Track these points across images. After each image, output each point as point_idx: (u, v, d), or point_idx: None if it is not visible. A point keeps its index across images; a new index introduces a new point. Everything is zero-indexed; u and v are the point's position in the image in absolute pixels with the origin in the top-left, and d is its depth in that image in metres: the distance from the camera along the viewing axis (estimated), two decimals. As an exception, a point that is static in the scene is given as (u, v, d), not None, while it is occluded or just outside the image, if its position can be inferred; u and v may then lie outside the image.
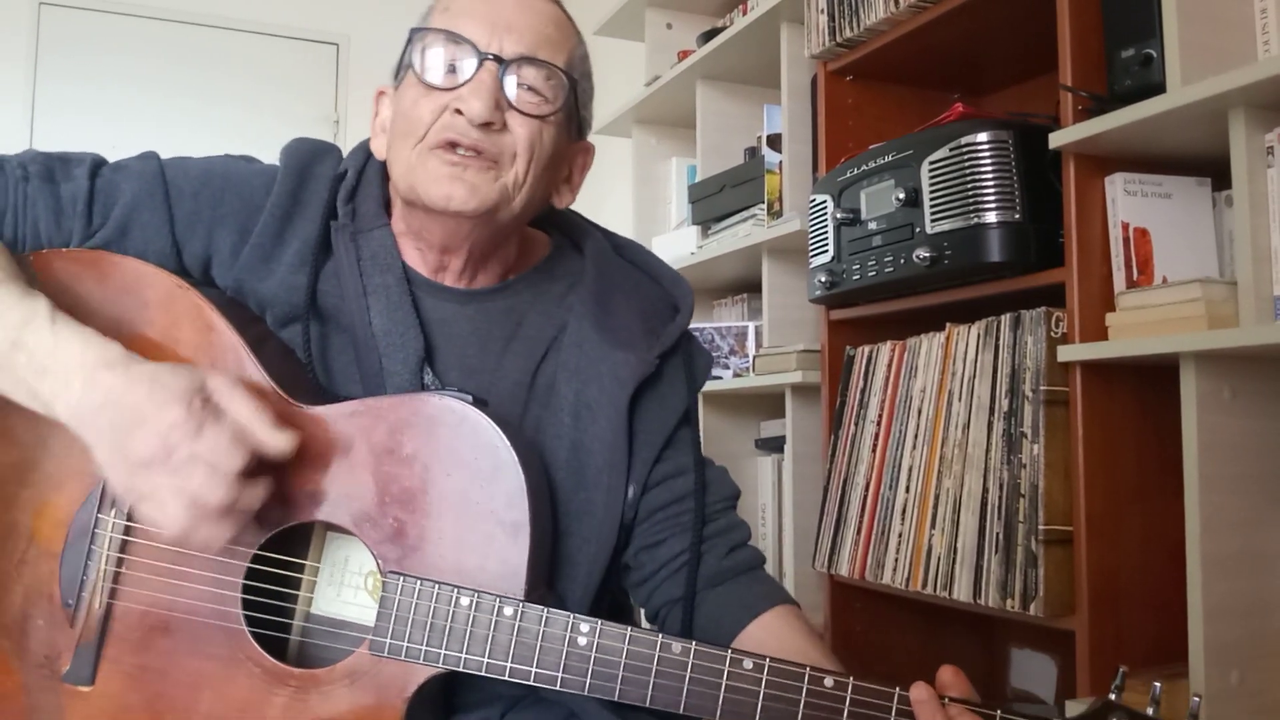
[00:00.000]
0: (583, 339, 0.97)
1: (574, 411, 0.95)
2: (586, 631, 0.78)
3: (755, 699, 0.77)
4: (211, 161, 0.97)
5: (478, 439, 0.83)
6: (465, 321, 0.97)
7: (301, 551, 0.88)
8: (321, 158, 0.98)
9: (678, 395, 1.01)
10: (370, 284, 0.94)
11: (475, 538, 0.82)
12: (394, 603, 0.80)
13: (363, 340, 0.93)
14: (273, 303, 0.94)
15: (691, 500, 0.98)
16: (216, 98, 3.78)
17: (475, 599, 0.79)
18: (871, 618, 1.77)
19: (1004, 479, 1.36)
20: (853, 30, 1.72)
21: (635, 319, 1.01)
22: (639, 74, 2.71)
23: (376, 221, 0.96)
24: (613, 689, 0.78)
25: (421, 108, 0.90)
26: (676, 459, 1.00)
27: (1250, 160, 1.15)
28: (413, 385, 0.92)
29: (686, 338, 1.04)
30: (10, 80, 3.55)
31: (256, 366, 0.86)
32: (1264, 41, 1.23)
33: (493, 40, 0.90)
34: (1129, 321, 1.27)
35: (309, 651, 0.87)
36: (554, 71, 0.92)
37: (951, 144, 1.43)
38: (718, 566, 0.98)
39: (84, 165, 0.92)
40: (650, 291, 1.06)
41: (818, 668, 0.78)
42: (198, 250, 0.93)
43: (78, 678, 0.82)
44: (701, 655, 0.78)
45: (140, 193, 0.92)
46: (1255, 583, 1.20)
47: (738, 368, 2.31)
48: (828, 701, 0.77)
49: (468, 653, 0.79)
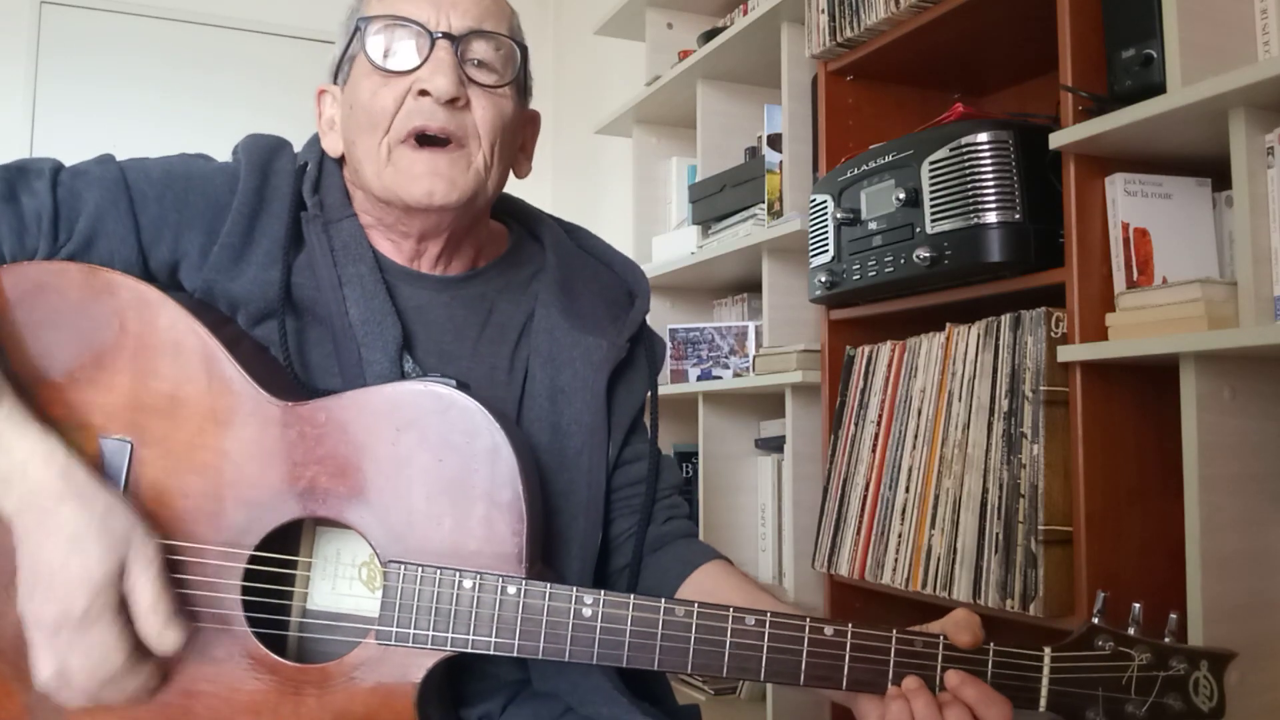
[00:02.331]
0: (552, 325, 0.99)
1: (550, 396, 0.97)
2: (590, 603, 0.80)
3: (760, 653, 0.79)
4: (170, 162, 0.95)
5: (466, 423, 0.83)
6: (441, 308, 0.98)
7: (293, 548, 0.88)
8: (279, 152, 0.98)
9: (641, 381, 1.05)
10: (345, 274, 0.94)
11: (472, 521, 0.82)
12: (397, 591, 0.80)
13: (340, 331, 0.93)
14: (246, 300, 0.93)
15: (643, 485, 1.02)
16: (217, 97, 3.78)
17: (478, 580, 0.80)
18: (871, 617, 1.76)
19: (1004, 479, 1.36)
20: (853, 30, 1.72)
21: (599, 305, 1.04)
22: (639, 74, 2.71)
23: (344, 211, 0.97)
24: (620, 656, 0.79)
25: (383, 96, 0.91)
26: (635, 444, 1.04)
27: (1250, 161, 1.15)
28: (393, 374, 0.92)
29: (643, 325, 1.07)
30: (11, 79, 3.55)
31: (235, 367, 0.85)
32: (1264, 42, 1.23)
33: (439, 18, 0.91)
34: (1129, 322, 1.27)
35: (308, 647, 0.87)
36: (502, 41, 0.93)
37: (952, 144, 1.43)
38: (656, 533, 1.02)
39: (44, 177, 0.89)
40: (606, 279, 1.09)
41: (816, 618, 0.80)
42: (164, 255, 0.92)
43: None
44: (704, 616, 0.79)
45: (104, 202, 0.90)
46: (1255, 583, 1.21)
47: (738, 367, 2.31)
48: (829, 649, 0.79)
49: (474, 634, 0.80)
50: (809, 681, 0.79)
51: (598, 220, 3.54)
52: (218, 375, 0.85)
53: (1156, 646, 0.80)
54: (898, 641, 0.80)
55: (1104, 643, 0.81)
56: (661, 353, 1.09)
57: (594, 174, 3.61)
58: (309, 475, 0.83)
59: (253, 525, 0.82)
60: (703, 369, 2.36)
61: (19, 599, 0.75)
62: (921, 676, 0.79)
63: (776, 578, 2.21)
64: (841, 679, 0.79)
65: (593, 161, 3.57)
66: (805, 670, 0.79)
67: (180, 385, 0.84)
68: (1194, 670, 0.80)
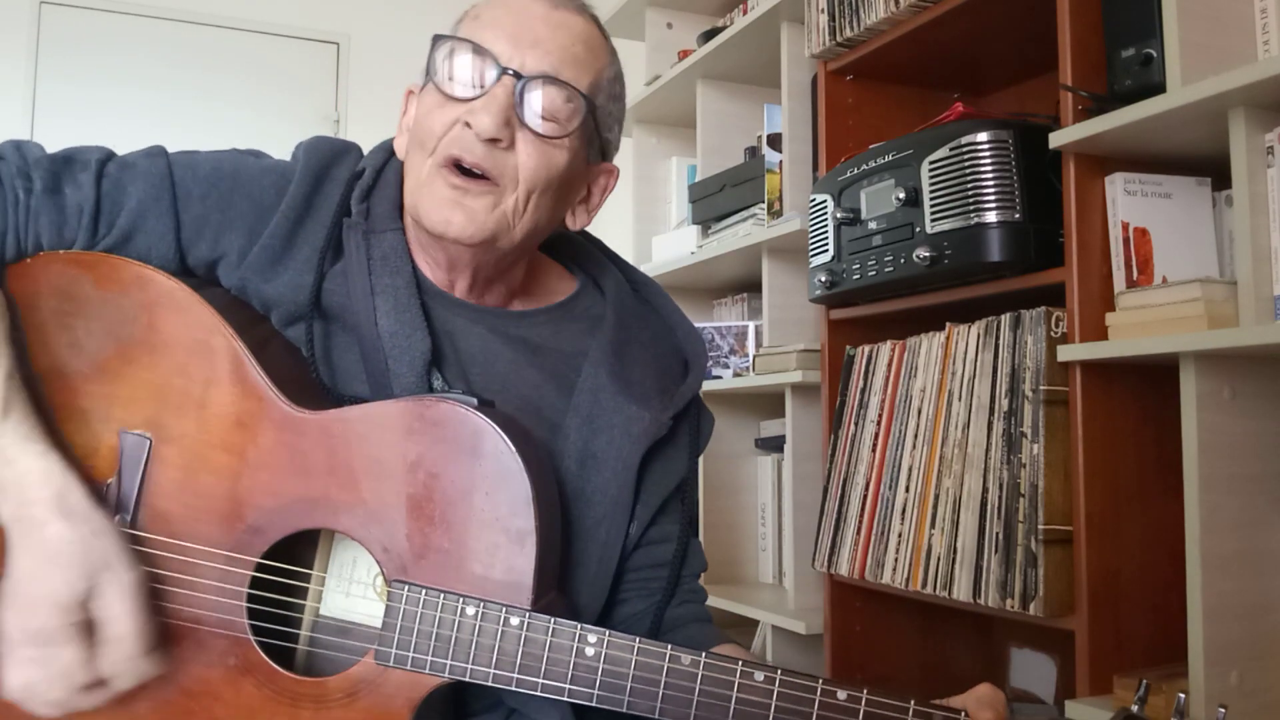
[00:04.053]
0: (599, 387, 0.95)
1: (580, 459, 0.94)
2: (594, 642, 0.77)
3: (767, 711, 0.76)
4: (220, 159, 0.94)
5: (483, 445, 0.81)
6: (475, 338, 0.96)
7: (309, 554, 0.87)
8: (340, 159, 0.97)
9: (680, 460, 1.00)
10: (378, 284, 0.92)
11: (480, 546, 0.80)
12: (399, 612, 0.79)
13: (369, 340, 0.91)
14: (278, 303, 0.92)
15: (666, 569, 0.98)
16: (217, 97, 3.78)
17: (481, 609, 0.78)
18: (871, 617, 1.77)
19: (1004, 479, 1.36)
20: (853, 30, 1.72)
21: (650, 374, 1.00)
22: (639, 73, 2.71)
23: (390, 224, 0.95)
24: (621, 700, 0.77)
25: (435, 118, 0.89)
26: (664, 525, 0.99)
27: (1250, 160, 1.15)
28: (420, 388, 0.90)
29: (695, 399, 1.03)
30: (11, 79, 3.55)
31: (258, 371, 0.84)
32: (1264, 41, 1.23)
33: (515, 55, 0.88)
34: (1129, 321, 1.27)
35: (318, 657, 0.86)
36: (573, 94, 0.90)
37: (952, 144, 1.43)
38: (670, 614, 0.98)
39: (89, 169, 0.89)
40: (665, 344, 1.05)
41: (830, 680, 0.76)
42: (204, 254, 0.92)
43: None
44: (711, 667, 0.76)
45: (146, 198, 0.90)
46: (1255, 582, 1.20)
47: (738, 367, 2.31)
48: (840, 715, 0.76)
49: (474, 663, 0.78)
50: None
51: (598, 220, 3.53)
52: (241, 379, 0.84)
53: None
54: (915, 715, 0.76)
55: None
56: (708, 433, 1.04)
57: (594, 174, 3.60)
58: (321, 485, 0.82)
59: (263, 531, 0.82)
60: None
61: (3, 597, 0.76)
62: None
63: (776, 577, 2.21)
64: None
65: (592, 161, 3.56)
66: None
67: (204, 386, 0.84)
68: None
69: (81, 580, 0.75)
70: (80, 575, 0.75)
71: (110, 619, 0.76)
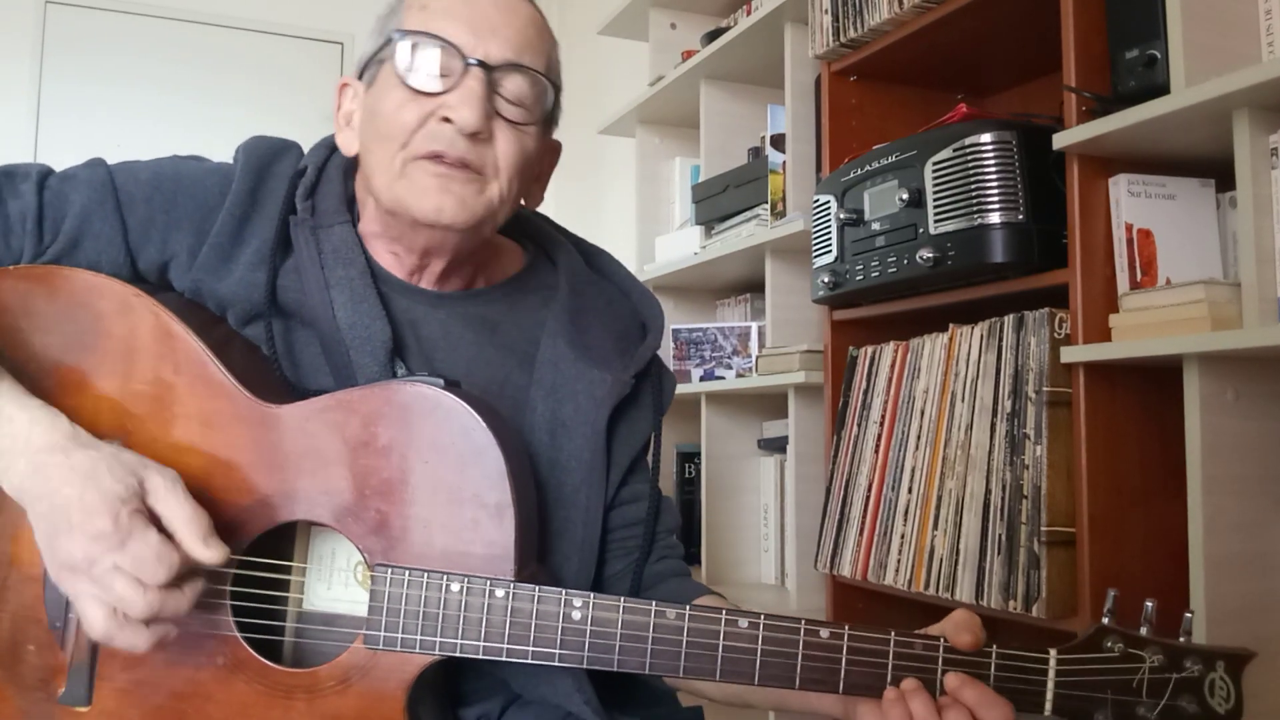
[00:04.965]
0: (557, 357, 0.97)
1: (550, 429, 0.95)
2: (580, 606, 0.78)
3: (753, 656, 0.77)
4: (160, 164, 0.95)
5: (452, 423, 0.82)
6: (436, 324, 0.96)
7: (287, 549, 0.88)
8: (281, 156, 0.97)
9: (646, 419, 1.01)
10: (332, 277, 0.92)
11: (459, 523, 0.81)
12: (384, 595, 0.80)
13: (328, 334, 0.91)
14: (232, 302, 0.92)
15: (641, 527, 0.99)
16: (221, 97, 3.79)
17: (465, 584, 0.79)
18: (873, 619, 1.76)
19: (1006, 480, 1.36)
20: (856, 30, 1.72)
21: (608, 337, 1.01)
22: (643, 74, 2.71)
23: (337, 218, 0.95)
24: (611, 659, 0.78)
25: (407, 112, 0.89)
26: (635, 485, 1.01)
27: (1254, 161, 1.15)
28: (383, 376, 0.90)
29: (655, 359, 1.04)
30: (16, 79, 3.56)
31: (220, 369, 0.84)
32: (1268, 43, 1.23)
33: (478, 45, 0.88)
34: (1132, 323, 1.27)
35: (305, 649, 0.87)
36: (538, 79, 0.91)
37: (955, 144, 1.43)
38: (650, 571, 0.99)
39: (30, 180, 0.89)
40: (621, 308, 1.06)
41: (812, 620, 0.78)
42: (153, 256, 0.92)
43: (74, 699, 0.81)
44: (697, 619, 0.78)
45: (90, 202, 0.90)
46: (1258, 584, 1.20)
47: (740, 368, 2.31)
48: (825, 652, 0.77)
49: (463, 638, 0.79)
50: (805, 685, 0.77)
51: (601, 221, 3.54)
52: (204, 378, 0.84)
53: (1169, 647, 0.78)
54: (896, 644, 0.78)
55: (1113, 644, 0.78)
56: (670, 391, 1.05)
57: (597, 174, 3.61)
58: (294, 478, 0.82)
59: (242, 529, 0.82)
60: (705, 369, 2.36)
61: (47, 563, 0.75)
62: (921, 679, 0.77)
63: (779, 578, 2.21)
64: (838, 682, 0.77)
65: (596, 162, 3.57)
66: (800, 674, 0.77)
67: (166, 388, 0.84)
68: (1210, 671, 0.77)
69: (127, 478, 0.75)
70: (123, 476, 0.75)
71: (171, 508, 0.75)
